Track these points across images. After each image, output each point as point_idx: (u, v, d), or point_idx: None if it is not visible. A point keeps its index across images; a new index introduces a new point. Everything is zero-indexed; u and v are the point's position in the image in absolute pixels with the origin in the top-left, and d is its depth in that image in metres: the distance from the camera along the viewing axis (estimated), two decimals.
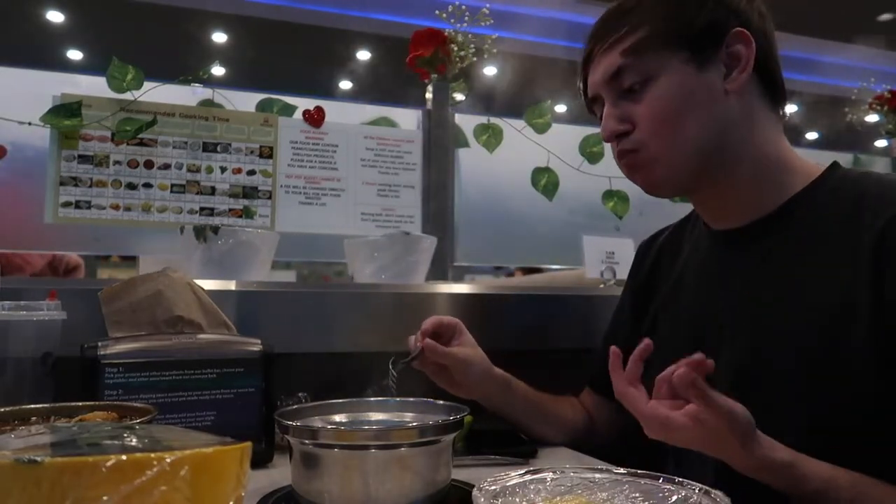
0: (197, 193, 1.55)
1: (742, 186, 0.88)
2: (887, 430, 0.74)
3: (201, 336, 0.97)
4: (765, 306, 0.85)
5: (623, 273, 1.61)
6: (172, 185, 1.53)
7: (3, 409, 0.73)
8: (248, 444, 0.48)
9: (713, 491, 0.57)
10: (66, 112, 1.45)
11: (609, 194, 1.87)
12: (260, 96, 1.66)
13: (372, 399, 0.90)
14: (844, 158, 2.17)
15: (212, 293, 1.06)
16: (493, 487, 0.60)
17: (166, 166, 1.53)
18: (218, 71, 4.77)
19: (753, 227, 0.89)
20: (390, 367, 0.96)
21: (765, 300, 0.85)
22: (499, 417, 1.09)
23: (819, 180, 0.87)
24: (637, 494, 0.59)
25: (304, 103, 1.67)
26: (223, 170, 1.57)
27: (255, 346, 0.96)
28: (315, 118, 1.66)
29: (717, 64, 0.85)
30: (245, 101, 1.64)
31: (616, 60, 0.87)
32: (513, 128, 1.82)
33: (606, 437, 1.14)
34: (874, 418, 0.74)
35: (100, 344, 0.89)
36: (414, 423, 0.83)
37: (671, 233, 1.10)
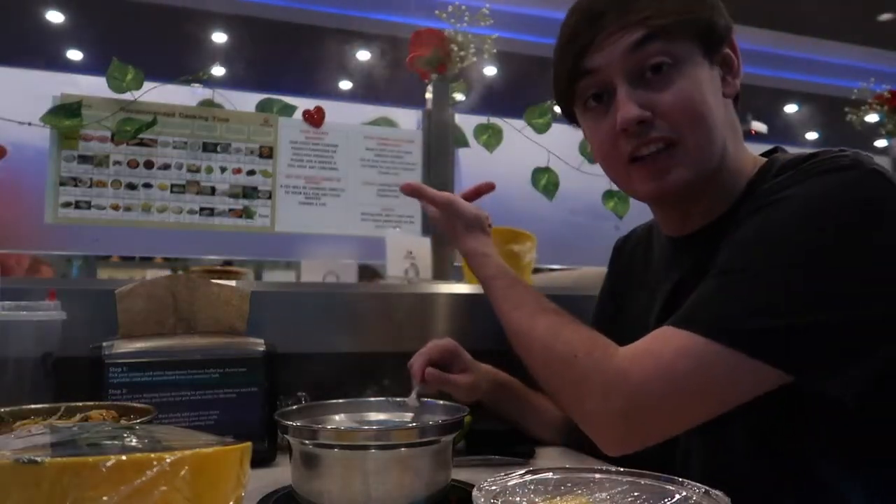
0: (197, 193, 1.55)
1: (711, 193, 0.84)
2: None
3: (204, 336, 0.97)
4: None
5: (425, 272, 1.63)
6: (172, 186, 1.53)
7: (3, 410, 0.73)
8: (248, 444, 0.48)
9: (713, 491, 0.57)
10: (66, 112, 1.46)
11: (609, 194, 1.87)
12: (260, 96, 1.66)
13: (372, 399, 0.90)
14: None
15: None
16: (493, 487, 0.59)
17: (166, 166, 1.53)
18: (218, 71, 4.76)
19: (700, 234, 0.87)
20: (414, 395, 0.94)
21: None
22: (499, 417, 1.09)
23: (756, 176, 0.84)
24: (637, 494, 0.59)
25: (304, 103, 1.67)
26: (223, 170, 1.57)
27: (258, 346, 0.97)
28: (315, 118, 1.66)
29: (716, 66, 0.83)
30: (245, 101, 1.64)
31: (641, 31, 0.78)
32: (513, 128, 1.82)
33: None
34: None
35: (104, 344, 0.89)
36: (414, 423, 0.83)
37: (642, 233, 1.08)
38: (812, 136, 6.33)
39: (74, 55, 6.01)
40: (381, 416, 0.87)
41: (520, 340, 0.86)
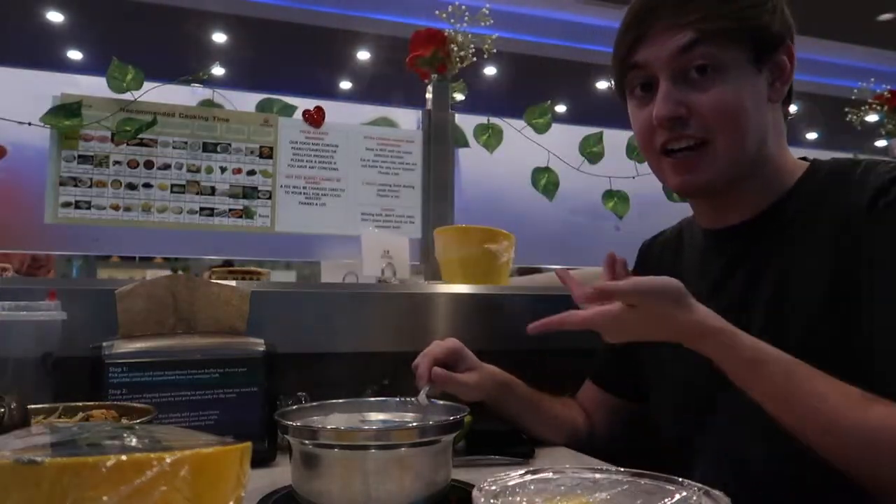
0: (197, 193, 1.55)
1: (750, 189, 0.88)
2: None
3: (204, 336, 0.97)
4: (755, 301, 0.85)
5: (402, 272, 1.59)
6: (172, 186, 1.53)
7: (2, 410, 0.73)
8: (248, 444, 0.48)
9: (713, 491, 0.57)
10: (66, 112, 1.46)
11: (609, 194, 1.87)
12: (260, 96, 1.66)
13: (372, 399, 0.90)
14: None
15: None
16: (493, 487, 0.60)
17: (166, 166, 1.53)
18: (218, 71, 4.77)
19: (745, 225, 0.89)
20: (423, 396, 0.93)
21: (756, 296, 0.86)
22: (499, 417, 1.09)
23: (803, 177, 0.88)
24: (637, 494, 0.59)
25: (304, 103, 1.67)
26: (223, 170, 1.57)
27: (258, 345, 0.97)
28: (315, 118, 1.66)
29: (765, 72, 0.85)
30: (245, 101, 1.64)
31: (690, 34, 0.81)
32: (513, 128, 1.82)
33: (604, 437, 1.13)
34: None
35: (104, 344, 0.89)
36: (414, 423, 0.83)
37: (671, 235, 1.10)
38: (812, 136, 6.33)
39: (74, 55, 6.01)
40: (382, 416, 0.87)
41: (832, 440, 0.71)
